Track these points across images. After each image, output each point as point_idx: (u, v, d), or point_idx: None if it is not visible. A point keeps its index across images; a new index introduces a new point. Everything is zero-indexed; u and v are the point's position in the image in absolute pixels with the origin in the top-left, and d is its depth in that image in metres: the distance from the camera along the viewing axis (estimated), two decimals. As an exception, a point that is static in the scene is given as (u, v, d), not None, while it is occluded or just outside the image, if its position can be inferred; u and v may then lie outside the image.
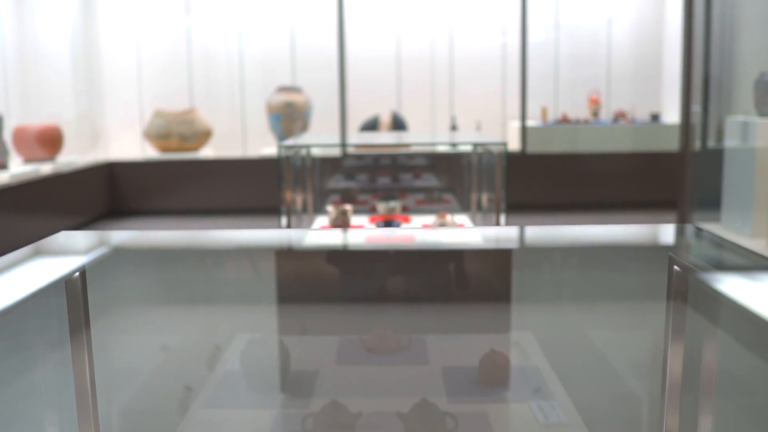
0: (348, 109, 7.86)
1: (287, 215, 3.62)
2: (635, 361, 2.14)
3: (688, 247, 1.59)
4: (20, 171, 6.10)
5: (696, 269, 1.29)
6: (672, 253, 1.37)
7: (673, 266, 1.36)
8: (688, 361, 1.42)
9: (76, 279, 1.33)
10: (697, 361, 1.40)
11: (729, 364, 1.49)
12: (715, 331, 1.41)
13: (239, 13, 8.11)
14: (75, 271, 1.34)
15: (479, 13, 8.18)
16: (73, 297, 1.35)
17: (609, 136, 7.80)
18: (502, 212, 3.70)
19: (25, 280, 1.22)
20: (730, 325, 1.43)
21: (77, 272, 1.33)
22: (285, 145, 3.62)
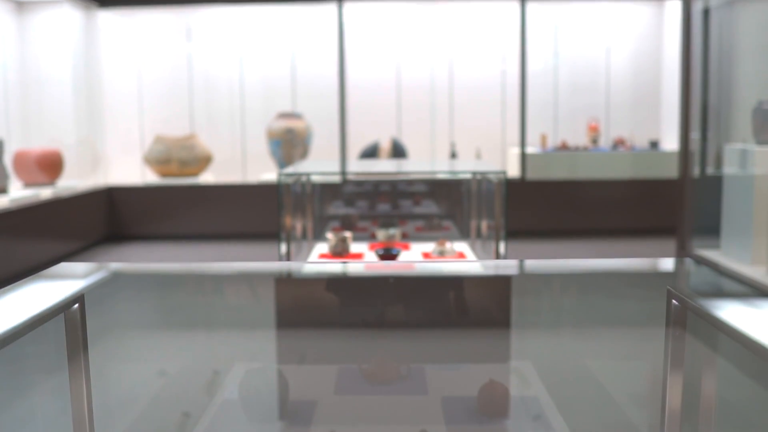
0: (348, 135, 7.89)
1: (287, 242, 3.62)
2: (634, 390, 2.14)
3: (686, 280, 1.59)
4: (20, 195, 6.11)
5: (694, 302, 1.29)
6: (670, 286, 1.37)
7: (672, 300, 1.36)
8: (687, 391, 1.42)
9: (75, 310, 1.33)
10: (697, 392, 1.40)
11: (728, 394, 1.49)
12: (713, 361, 1.41)
13: (240, 40, 8.16)
14: (74, 301, 1.34)
15: (479, 42, 8.23)
16: (72, 327, 1.35)
17: (608, 163, 7.82)
18: (502, 240, 3.70)
19: (24, 310, 1.22)
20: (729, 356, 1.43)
21: (76, 303, 1.33)
22: (285, 173, 3.63)
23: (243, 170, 8.21)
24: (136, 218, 7.68)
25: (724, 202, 5.46)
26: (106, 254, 6.94)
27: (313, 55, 8.15)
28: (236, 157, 8.25)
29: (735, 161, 5.33)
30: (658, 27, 8.28)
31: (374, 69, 8.23)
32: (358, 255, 4.12)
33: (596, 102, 8.26)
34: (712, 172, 5.82)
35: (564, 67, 8.20)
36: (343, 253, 4.03)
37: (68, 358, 1.39)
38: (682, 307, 1.35)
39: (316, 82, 8.10)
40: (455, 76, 8.20)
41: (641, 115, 8.30)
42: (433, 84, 8.20)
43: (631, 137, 8.14)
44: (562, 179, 7.66)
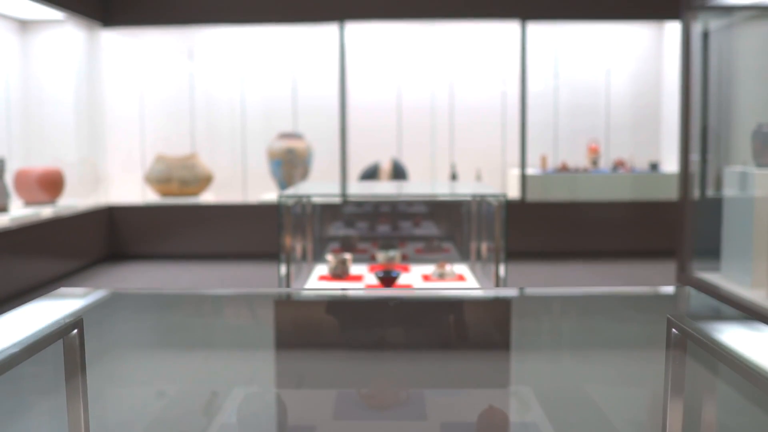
0: (349, 155, 7.91)
1: (286, 264, 3.62)
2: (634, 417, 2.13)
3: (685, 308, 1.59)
4: (20, 214, 6.12)
5: (694, 331, 1.29)
6: (670, 314, 1.37)
7: (672, 328, 1.36)
8: (687, 417, 1.42)
9: (74, 336, 1.33)
10: (697, 418, 1.39)
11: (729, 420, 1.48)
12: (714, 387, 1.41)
13: (242, 60, 8.20)
14: (73, 326, 1.34)
15: (479, 63, 8.27)
16: (71, 352, 1.35)
17: (608, 185, 7.83)
18: (502, 262, 3.70)
19: (23, 336, 1.22)
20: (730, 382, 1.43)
21: (75, 329, 1.33)
22: (285, 195, 3.64)
23: (243, 190, 8.22)
24: (137, 238, 7.68)
25: (724, 225, 5.46)
26: (107, 274, 6.94)
27: (314, 76, 8.18)
28: (237, 176, 8.26)
29: (735, 184, 5.35)
30: (658, 49, 8.32)
31: (375, 90, 8.26)
32: (357, 277, 4.12)
33: (596, 123, 8.29)
34: (712, 194, 5.83)
35: (564, 88, 8.23)
36: (343, 275, 4.03)
37: (66, 381, 1.38)
38: (681, 336, 1.35)
39: (317, 103, 8.13)
40: (455, 97, 8.23)
41: (641, 137, 8.32)
42: (433, 105, 8.23)
43: (631, 159, 8.15)
44: (562, 201, 7.68)
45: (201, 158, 7.97)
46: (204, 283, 6.40)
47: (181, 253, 7.67)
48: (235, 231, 7.62)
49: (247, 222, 7.61)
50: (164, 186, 7.71)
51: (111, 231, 7.66)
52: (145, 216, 7.68)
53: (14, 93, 7.19)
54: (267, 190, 8.20)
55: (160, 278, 6.68)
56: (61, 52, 7.42)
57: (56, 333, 1.29)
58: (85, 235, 7.15)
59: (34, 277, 6.12)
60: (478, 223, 4.52)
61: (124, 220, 7.68)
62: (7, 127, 6.99)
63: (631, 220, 7.59)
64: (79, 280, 6.58)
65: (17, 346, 1.14)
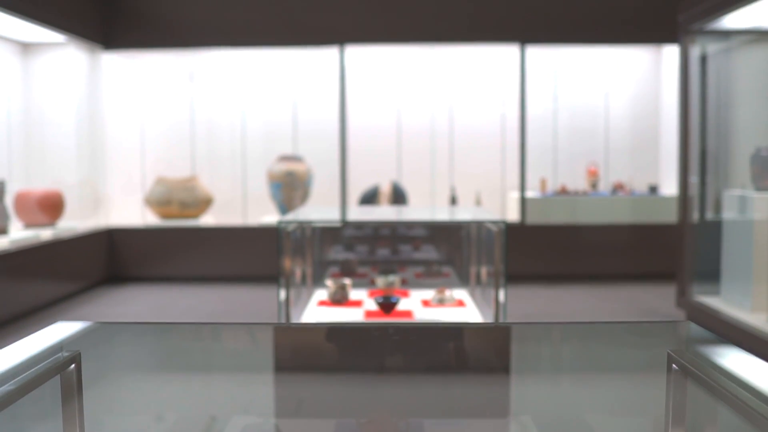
0: (349, 178, 7.92)
1: (286, 289, 3.61)
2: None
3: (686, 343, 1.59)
4: (20, 236, 6.11)
5: (694, 367, 1.29)
6: (670, 351, 1.37)
7: (672, 363, 1.35)
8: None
9: (71, 371, 1.32)
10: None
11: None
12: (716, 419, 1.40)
13: (242, 83, 8.23)
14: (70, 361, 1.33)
15: (478, 87, 8.30)
16: (68, 387, 1.34)
17: (608, 208, 7.84)
18: (502, 287, 3.69)
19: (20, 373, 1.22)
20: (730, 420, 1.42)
21: (72, 363, 1.33)
22: (285, 220, 3.64)
23: (243, 212, 8.23)
24: (137, 260, 7.68)
25: (724, 248, 5.46)
26: (106, 296, 6.92)
27: (314, 99, 8.21)
28: (237, 199, 8.27)
29: (734, 207, 5.35)
30: (656, 72, 8.36)
31: (375, 113, 8.29)
32: (357, 302, 4.11)
33: (595, 146, 8.31)
34: (711, 218, 5.83)
35: (563, 111, 8.26)
36: (343, 300, 4.02)
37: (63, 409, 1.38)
38: (682, 371, 1.34)
39: (317, 126, 8.15)
40: (455, 120, 8.26)
41: (640, 160, 8.34)
42: (433, 128, 8.25)
43: (631, 182, 8.17)
44: (561, 224, 7.68)
45: (201, 180, 7.98)
46: (204, 306, 6.38)
47: (181, 276, 7.66)
48: (235, 253, 7.62)
49: (247, 244, 7.61)
50: (164, 208, 7.72)
51: (111, 253, 7.66)
52: (145, 238, 7.68)
53: (15, 115, 7.22)
54: (267, 213, 8.21)
55: (159, 301, 6.67)
56: (62, 74, 7.45)
57: (53, 369, 1.29)
58: (84, 258, 7.15)
59: (33, 299, 6.11)
60: (478, 248, 4.52)
61: (124, 242, 7.68)
62: (7, 149, 7.01)
63: (630, 243, 7.59)
64: (78, 303, 6.56)
65: (13, 384, 1.14)
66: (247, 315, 5.99)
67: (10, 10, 5.87)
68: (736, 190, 5.46)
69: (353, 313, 3.92)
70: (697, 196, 5.85)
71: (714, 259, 5.55)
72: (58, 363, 1.32)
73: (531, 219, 7.69)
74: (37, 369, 1.24)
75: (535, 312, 6.04)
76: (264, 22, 7.66)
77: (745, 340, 4.72)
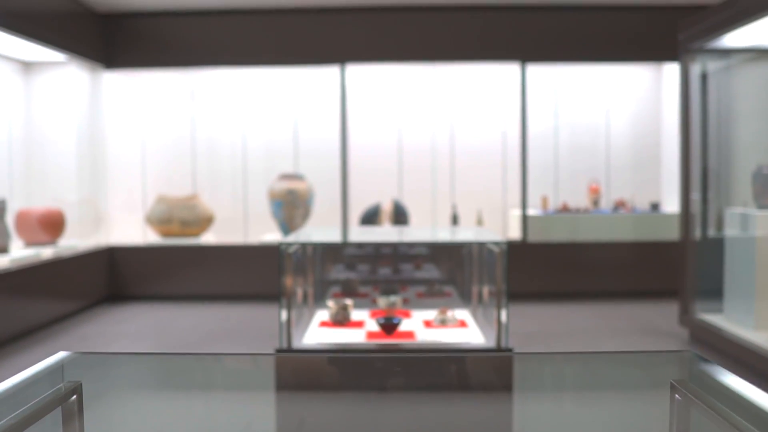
0: (350, 197, 7.92)
1: (287, 310, 3.61)
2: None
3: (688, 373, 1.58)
4: (21, 255, 6.11)
5: (697, 398, 1.28)
6: (673, 381, 1.36)
7: (675, 394, 1.35)
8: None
9: (72, 401, 1.32)
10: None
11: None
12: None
13: (243, 101, 8.25)
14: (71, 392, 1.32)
15: (479, 105, 8.32)
16: (69, 417, 1.34)
17: (609, 226, 7.83)
18: (504, 307, 3.68)
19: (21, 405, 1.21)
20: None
21: (74, 395, 1.32)
22: (286, 242, 3.63)
23: (244, 231, 8.23)
24: (137, 278, 7.67)
25: (726, 266, 5.45)
26: (107, 314, 6.91)
27: (315, 117, 8.23)
28: (238, 217, 8.27)
29: (736, 225, 5.34)
30: (657, 90, 8.38)
31: (376, 131, 8.30)
32: (359, 323, 4.10)
33: (596, 164, 8.31)
34: (713, 235, 5.82)
35: (564, 129, 8.27)
36: (344, 321, 4.01)
37: None
38: (684, 401, 1.34)
39: (318, 144, 8.17)
40: (456, 138, 8.27)
41: (642, 177, 8.34)
42: (434, 146, 8.26)
43: (632, 199, 8.16)
44: (563, 241, 7.67)
45: (202, 199, 7.99)
46: (205, 325, 6.36)
47: (182, 294, 7.65)
48: (236, 272, 7.61)
49: (247, 263, 7.60)
50: (165, 226, 7.72)
51: (111, 272, 7.65)
52: (146, 256, 7.68)
53: (16, 133, 7.23)
54: (268, 231, 8.20)
55: (160, 319, 6.65)
56: (64, 93, 7.47)
57: (55, 400, 1.28)
58: (85, 276, 7.14)
59: (34, 318, 6.10)
60: (480, 267, 4.51)
61: (125, 260, 7.67)
62: (8, 168, 7.02)
63: (632, 260, 7.58)
64: (79, 322, 6.55)
65: (15, 418, 1.13)
66: (248, 334, 5.97)
67: (13, 31, 5.89)
68: (738, 208, 5.46)
69: (355, 334, 3.90)
70: (699, 214, 5.84)
71: (716, 276, 5.54)
72: (60, 395, 1.31)
73: (533, 237, 7.69)
74: (39, 401, 1.24)
75: (537, 330, 6.02)
76: (265, 42, 7.69)
77: (748, 358, 4.70)
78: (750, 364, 4.70)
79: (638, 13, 7.61)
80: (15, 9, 5.93)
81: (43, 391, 1.34)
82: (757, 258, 5.03)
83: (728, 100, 5.90)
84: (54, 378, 1.44)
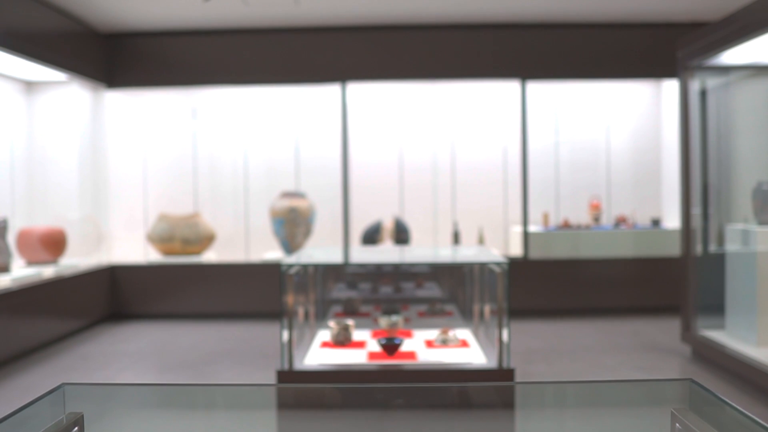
0: (351, 214, 7.93)
1: (289, 331, 3.61)
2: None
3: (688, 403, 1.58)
4: (22, 275, 6.11)
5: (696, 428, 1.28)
6: (673, 409, 1.36)
7: (675, 423, 1.35)
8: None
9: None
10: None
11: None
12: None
13: (245, 119, 8.28)
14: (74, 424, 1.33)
15: (480, 122, 8.33)
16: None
17: (610, 242, 7.83)
18: (505, 327, 3.68)
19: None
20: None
21: (76, 426, 1.33)
22: (287, 263, 3.64)
23: (246, 249, 8.23)
24: (139, 297, 7.67)
25: (728, 282, 5.44)
26: (108, 333, 6.91)
27: (316, 135, 8.25)
28: (239, 235, 8.28)
29: (737, 241, 5.34)
30: (657, 106, 8.39)
31: (377, 149, 8.32)
32: (360, 343, 4.09)
33: (597, 180, 8.32)
34: (715, 250, 5.82)
35: (565, 145, 8.29)
36: (346, 342, 4.01)
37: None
38: (684, 430, 1.34)
39: (320, 162, 8.18)
40: (457, 155, 8.28)
41: (642, 193, 8.35)
42: (435, 163, 8.27)
43: (633, 215, 8.17)
44: (564, 258, 7.67)
45: (203, 217, 8.00)
46: (206, 344, 6.36)
47: (183, 313, 7.65)
48: (237, 290, 7.61)
49: (249, 281, 7.60)
50: (166, 245, 7.73)
51: (113, 290, 7.65)
52: (147, 275, 7.68)
53: (19, 152, 7.25)
54: (269, 249, 8.21)
55: (162, 338, 6.64)
56: (66, 111, 7.50)
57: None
58: (86, 295, 7.14)
59: (36, 337, 6.10)
60: (481, 286, 4.51)
61: (126, 279, 7.68)
62: (11, 186, 7.03)
63: (634, 276, 7.58)
64: (80, 341, 6.55)
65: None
66: (249, 354, 5.96)
67: (16, 52, 5.93)
68: (739, 224, 5.46)
69: (356, 354, 3.90)
70: (700, 229, 5.84)
71: (718, 291, 5.54)
72: (61, 426, 1.31)
73: (534, 253, 7.69)
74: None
75: (539, 348, 6.01)
76: (266, 60, 7.72)
77: (750, 375, 4.69)
78: (752, 381, 4.69)
79: (637, 30, 7.65)
80: (18, 30, 5.97)
81: (45, 422, 1.34)
82: (758, 274, 5.02)
83: (728, 115, 5.91)
84: (55, 409, 1.44)
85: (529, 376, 5.03)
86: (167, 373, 5.33)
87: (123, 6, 6.80)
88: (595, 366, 5.36)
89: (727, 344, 5.20)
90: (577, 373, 5.16)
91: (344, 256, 4.85)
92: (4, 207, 6.84)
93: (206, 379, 5.10)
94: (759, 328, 5.08)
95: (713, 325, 5.62)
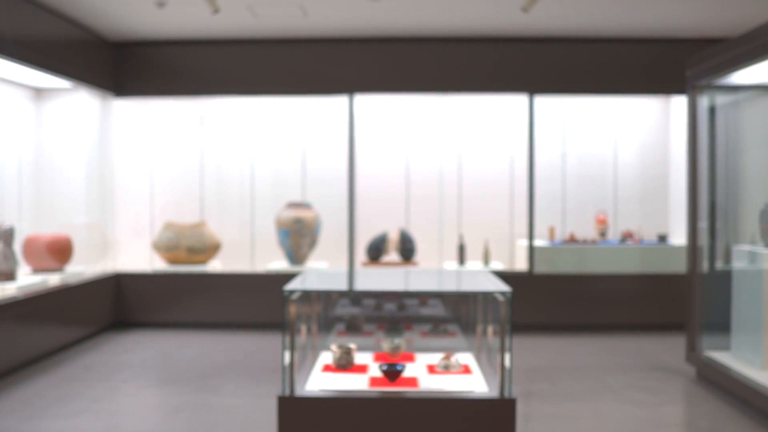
0: (357, 225, 7.92)
1: (290, 355, 3.60)
2: None
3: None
4: (28, 282, 6.13)
5: None
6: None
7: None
8: None
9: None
10: None
11: None
12: None
13: (251, 129, 8.29)
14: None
15: (487, 135, 8.31)
16: None
17: (616, 257, 7.80)
18: (507, 352, 3.67)
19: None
20: None
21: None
22: (289, 289, 3.63)
23: (251, 259, 8.23)
24: (143, 305, 7.68)
25: (734, 304, 5.42)
26: (113, 342, 6.92)
27: (323, 146, 8.25)
28: (245, 245, 8.28)
29: (744, 263, 5.31)
30: (665, 121, 8.36)
31: (383, 160, 8.31)
32: (362, 367, 4.09)
33: (604, 195, 8.30)
34: (721, 266, 5.78)
35: (572, 159, 8.26)
36: (347, 366, 4.00)
37: None
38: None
39: (326, 173, 8.18)
40: (463, 168, 8.27)
41: (649, 209, 8.31)
42: (441, 175, 8.26)
43: (640, 231, 8.14)
44: (569, 273, 7.64)
45: (209, 226, 8.01)
46: (209, 356, 6.36)
47: (188, 322, 7.66)
48: (242, 300, 7.61)
49: (254, 291, 7.61)
50: (172, 253, 7.74)
51: (118, 298, 7.67)
52: (152, 283, 7.69)
53: (26, 159, 7.27)
54: (274, 259, 8.21)
55: (165, 348, 6.65)
56: (74, 119, 7.52)
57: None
58: (91, 303, 7.16)
59: (39, 346, 6.11)
60: (485, 308, 4.50)
61: (131, 287, 7.69)
62: (17, 194, 7.05)
63: (639, 293, 7.54)
64: (85, 349, 6.56)
65: None
66: (253, 367, 5.96)
67: (25, 61, 5.94)
68: (746, 245, 5.43)
69: (358, 379, 3.89)
70: (707, 247, 5.82)
71: (724, 309, 5.52)
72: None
73: (539, 268, 7.66)
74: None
75: (542, 365, 5.99)
76: (274, 71, 7.72)
77: (754, 399, 4.66)
78: (756, 406, 4.67)
79: (646, 45, 7.62)
80: (28, 39, 5.98)
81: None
82: (764, 297, 4.99)
83: (736, 134, 5.88)
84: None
85: (532, 396, 5.01)
86: (170, 386, 5.33)
87: (132, 15, 6.81)
88: (598, 387, 5.33)
89: (732, 366, 5.17)
90: (581, 394, 5.14)
91: (348, 281, 4.85)
92: (10, 214, 6.86)
93: (208, 393, 5.09)
94: (764, 352, 5.05)
95: (718, 345, 5.59)
